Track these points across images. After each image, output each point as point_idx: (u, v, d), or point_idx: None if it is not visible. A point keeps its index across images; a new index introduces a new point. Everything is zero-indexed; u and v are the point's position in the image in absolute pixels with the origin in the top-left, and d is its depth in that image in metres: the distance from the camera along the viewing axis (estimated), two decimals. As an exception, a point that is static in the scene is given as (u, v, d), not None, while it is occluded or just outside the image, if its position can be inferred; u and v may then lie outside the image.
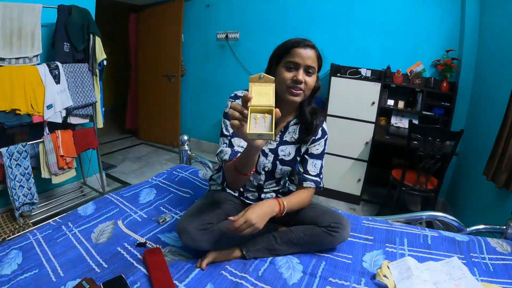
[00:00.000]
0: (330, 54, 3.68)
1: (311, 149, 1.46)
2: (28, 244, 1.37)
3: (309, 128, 1.40)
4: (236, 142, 1.36)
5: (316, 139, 1.45)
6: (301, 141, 1.43)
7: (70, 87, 2.51)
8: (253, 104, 0.93)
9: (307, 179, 1.44)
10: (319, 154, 1.46)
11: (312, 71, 1.29)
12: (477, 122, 2.96)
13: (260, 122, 0.92)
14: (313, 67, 1.28)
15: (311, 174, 1.45)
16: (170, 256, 1.32)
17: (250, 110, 0.93)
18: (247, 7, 4.21)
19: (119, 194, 1.86)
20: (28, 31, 2.30)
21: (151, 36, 4.86)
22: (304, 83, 1.27)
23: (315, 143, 1.45)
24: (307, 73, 1.29)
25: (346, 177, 3.38)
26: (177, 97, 4.75)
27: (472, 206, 2.75)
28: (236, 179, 1.26)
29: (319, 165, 1.47)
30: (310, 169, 1.45)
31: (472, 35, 3.14)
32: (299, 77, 1.25)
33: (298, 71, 1.26)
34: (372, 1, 3.54)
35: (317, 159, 1.46)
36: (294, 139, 1.44)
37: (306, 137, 1.42)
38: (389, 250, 1.46)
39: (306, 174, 1.45)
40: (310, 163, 1.45)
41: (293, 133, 1.44)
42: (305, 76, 1.28)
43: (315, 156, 1.46)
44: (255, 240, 1.38)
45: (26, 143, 2.31)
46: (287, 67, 1.28)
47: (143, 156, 4.56)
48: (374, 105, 3.11)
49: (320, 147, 1.46)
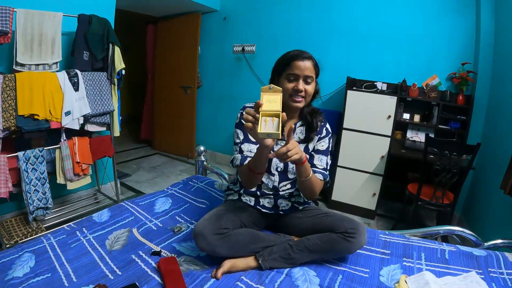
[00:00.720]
0: (346, 67, 3.71)
1: (317, 146, 1.57)
2: (41, 248, 1.37)
3: (311, 126, 1.55)
4: (246, 147, 1.51)
5: (322, 137, 1.57)
6: (307, 140, 1.56)
7: (88, 94, 2.54)
8: (264, 109, 1.12)
9: (315, 171, 1.51)
10: (324, 150, 1.57)
11: (310, 80, 1.45)
12: (494, 136, 2.89)
13: (269, 124, 1.11)
14: (311, 76, 1.44)
15: (319, 167, 1.54)
16: (185, 266, 1.31)
17: (261, 114, 1.11)
18: (263, 20, 4.26)
19: (134, 202, 1.86)
20: (48, 38, 2.35)
21: (168, 48, 4.93)
22: (304, 91, 1.44)
23: (320, 141, 1.57)
24: (306, 82, 1.45)
25: (361, 191, 3.33)
26: (193, 108, 4.79)
27: (489, 220, 2.67)
28: (250, 178, 1.41)
29: (324, 160, 1.56)
30: (317, 163, 1.55)
31: (488, 48, 3.11)
32: (299, 87, 1.43)
33: (298, 82, 1.43)
34: (388, 15, 3.55)
35: (322, 155, 1.56)
36: (302, 138, 1.57)
37: (310, 134, 1.55)
38: (406, 265, 1.43)
39: (313, 167, 1.53)
40: (316, 158, 1.56)
41: (300, 133, 1.58)
42: (305, 85, 1.44)
43: (321, 152, 1.57)
44: (271, 249, 1.38)
45: (43, 148, 2.35)
46: (288, 78, 1.45)
47: (158, 166, 4.58)
48: (390, 118, 3.08)
49: (325, 144, 1.58)
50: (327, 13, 3.83)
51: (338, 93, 3.80)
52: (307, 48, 1.50)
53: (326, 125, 1.60)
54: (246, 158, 1.46)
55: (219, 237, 1.29)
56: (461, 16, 3.26)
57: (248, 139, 1.52)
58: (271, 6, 4.17)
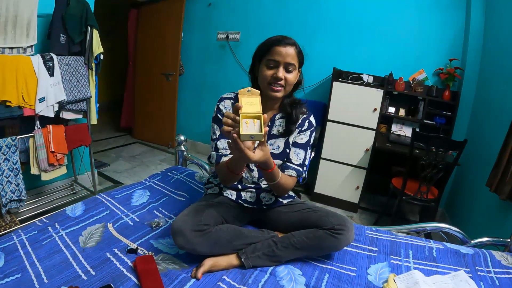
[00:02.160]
0: (332, 58, 3.67)
1: (296, 138, 1.49)
2: (11, 245, 1.28)
3: (291, 118, 1.45)
4: (221, 144, 1.44)
5: (303, 130, 1.49)
6: (287, 133, 1.47)
7: (64, 80, 2.41)
8: (244, 111, 1.07)
9: (288, 167, 1.45)
10: (303, 144, 1.49)
11: (292, 68, 1.35)
12: (479, 132, 2.92)
13: (250, 126, 1.06)
14: (292, 64, 1.34)
15: (294, 163, 1.46)
16: (163, 265, 1.24)
17: (242, 117, 1.06)
18: (249, 8, 4.15)
19: (110, 195, 1.77)
20: (24, 20, 2.21)
21: (151, 34, 4.77)
22: (285, 79, 1.34)
23: (300, 134, 1.49)
24: (287, 71, 1.34)
25: (345, 184, 3.32)
26: (174, 96, 4.66)
27: (473, 217, 2.70)
28: (229, 177, 1.35)
29: (302, 155, 1.48)
30: (292, 158, 1.47)
31: (476, 45, 3.12)
32: (279, 75, 1.32)
33: (278, 69, 1.33)
34: (377, 8, 3.51)
35: (300, 149, 1.48)
36: (281, 132, 1.48)
37: (290, 126, 1.46)
38: (394, 263, 1.40)
39: (288, 162, 1.47)
40: (292, 152, 1.48)
41: (279, 126, 1.49)
42: (285, 73, 1.34)
43: (298, 145, 1.48)
44: (254, 246, 1.32)
45: (15, 137, 2.22)
46: (267, 65, 1.35)
47: (137, 156, 4.46)
48: (376, 112, 3.06)
49: (305, 137, 1.49)
50: (315, 2, 3.75)
51: (323, 84, 3.76)
52: (293, 36, 1.39)
53: (309, 118, 1.51)
54: (222, 156, 1.41)
55: (199, 234, 1.22)
56: (451, 12, 3.26)
57: (223, 135, 1.43)
58: (257, -7, 4.07)
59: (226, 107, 1.47)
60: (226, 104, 1.48)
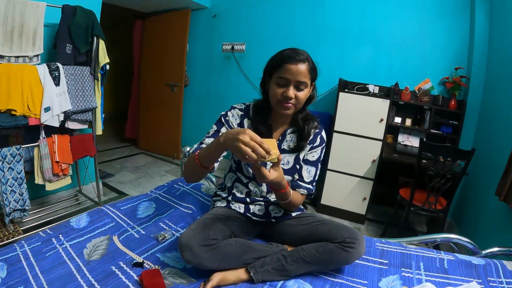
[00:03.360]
0: (338, 69, 3.66)
1: (307, 155, 1.47)
2: (14, 256, 1.25)
3: (303, 133, 1.43)
4: (208, 141, 1.37)
5: (314, 146, 1.47)
6: (298, 149, 1.45)
7: (70, 90, 2.41)
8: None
9: (300, 186, 1.46)
10: (314, 161, 1.48)
11: (303, 86, 1.30)
12: (487, 141, 2.88)
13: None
14: (304, 82, 1.29)
15: (305, 181, 1.46)
16: (170, 279, 1.21)
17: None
18: (254, 19, 4.17)
19: (115, 206, 1.74)
20: (30, 29, 2.21)
21: (156, 44, 4.80)
22: (295, 98, 1.30)
23: (312, 150, 1.47)
24: (298, 89, 1.30)
25: (351, 195, 3.27)
26: (179, 107, 4.67)
27: (482, 227, 2.65)
28: (195, 170, 1.28)
29: (313, 172, 1.48)
30: (304, 175, 1.46)
31: (481, 53, 3.10)
32: (289, 94, 1.28)
33: (288, 87, 1.28)
34: (381, 18, 3.51)
35: (311, 166, 1.47)
36: (292, 147, 1.46)
37: (301, 142, 1.43)
38: (406, 275, 1.36)
39: (300, 181, 1.46)
40: (304, 169, 1.47)
41: (290, 141, 1.47)
42: (296, 92, 1.30)
43: (310, 162, 1.47)
44: (263, 260, 1.29)
45: (20, 146, 2.20)
46: (277, 82, 1.30)
47: (142, 166, 4.44)
48: (382, 122, 3.03)
49: (317, 154, 1.48)
50: (320, 13, 3.76)
51: (329, 95, 3.74)
52: (298, 47, 1.35)
53: (321, 133, 1.49)
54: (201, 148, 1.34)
55: (207, 249, 1.19)
56: (455, 21, 3.25)
57: (216, 135, 1.38)
58: (262, 4, 4.09)
59: (235, 115, 1.46)
60: (235, 113, 1.46)
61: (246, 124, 1.45)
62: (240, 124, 1.45)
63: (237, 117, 1.45)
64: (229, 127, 1.43)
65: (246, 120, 1.46)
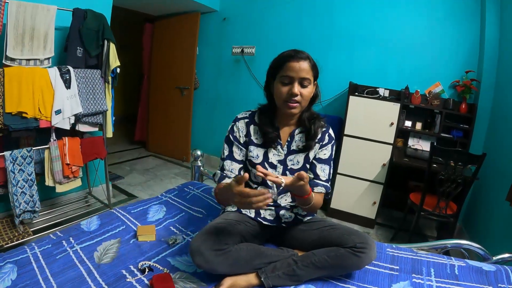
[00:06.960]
0: (348, 72, 3.63)
1: (319, 154, 1.48)
2: (24, 259, 1.26)
3: (310, 132, 1.44)
4: (227, 165, 1.44)
5: (324, 144, 1.48)
6: (307, 148, 1.46)
7: (80, 93, 2.43)
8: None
9: (318, 184, 1.45)
10: (327, 159, 1.48)
11: (307, 82, 1.33)
12: (498, 145, 2.83)
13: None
14: (307, 78, 1.32)
15: (321, 179, 1.46)
16: (180, 283, 1.20)
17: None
18: (264, 22, 4.16)
19: (126, 209, 1.75)
20: (41, 32, 2.24)
21: (166, 48, 4.82)
22: (300, 95, 1.32)
23: (322, 148, 1.48)
24: (302, 86, 1.32)
25: (361, 199, 3.24)
26: (189, 110, 4.68)
27: (492, 232, 2.60)
28: (222, 201, 1.38)
29: (327, 170, 1.48)
30: (320, 174, 1.46)
31: (492, 56, 3.06)
32: (294, 90, 1.30)
33: (293, 85, 1.31)
34: (391, 21, 3.48)
35: (325, 164, 1.48)
36: (301, 147, 1.46)
37: (310, 142, 1.44)
38: (416, 281, 1.34)
39: (316, 179, 1.46)
40: (319, 168, 1.47)
41: (299, 141, 1.47)
42: (300, 89, 1.32)
43: (323, 161, 1.48)
44: (274, 265, 1.28)
45: (31, 148, 2.23)
46: (282, 81, 1.33)
47: (151, 169, 4.46)
48: (393, 126, 3.00)
49: (328, 152, 1.49)
50: (329, 16, 3.75)
51: (339, 98, 3.72)
52: (308, 51, 1.37)
53: (329, 131, 1.50)
54: (225, 177, 1.41)
55: (218, 254, 1.19)
56: (466, 24, 3.21)
57: (231, 156, 1.45)
58: (272, 8, 4.08)
59: (240, 128, 1.47)
60: (239, 125, 1.48)
61: (252, 131, 1.46)
62: (246, 134, 1.46)
63: (243, 129, 1.47)
64: (238, 143, 1.46)
65: (252, 127, 1.47)
